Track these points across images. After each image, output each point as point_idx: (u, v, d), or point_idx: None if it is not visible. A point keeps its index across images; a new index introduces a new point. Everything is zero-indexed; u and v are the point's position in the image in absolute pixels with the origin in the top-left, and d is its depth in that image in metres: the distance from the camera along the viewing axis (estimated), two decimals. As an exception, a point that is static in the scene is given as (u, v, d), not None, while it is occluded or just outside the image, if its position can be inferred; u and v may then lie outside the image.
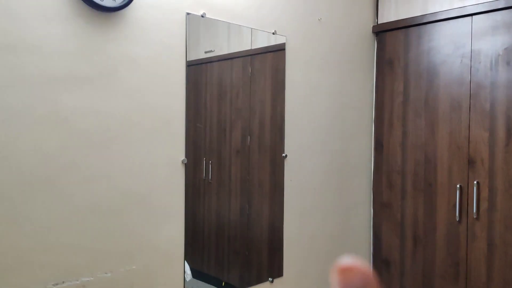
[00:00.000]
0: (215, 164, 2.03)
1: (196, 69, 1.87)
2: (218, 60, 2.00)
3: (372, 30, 2.74)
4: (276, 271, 2.23)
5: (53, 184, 1.46)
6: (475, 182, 2.30)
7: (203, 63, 1.94)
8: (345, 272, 0.21)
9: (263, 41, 2.14)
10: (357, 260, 0.22)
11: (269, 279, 2.18)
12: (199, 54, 1.89)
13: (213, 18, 1.90)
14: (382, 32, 2.72)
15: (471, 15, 2.32)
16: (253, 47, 2.11)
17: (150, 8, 1.69)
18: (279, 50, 2.21)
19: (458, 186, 2.36)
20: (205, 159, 2.02)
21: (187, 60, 1.82)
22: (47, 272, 1.45)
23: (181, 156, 1.81)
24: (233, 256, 2.10)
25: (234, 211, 2.09)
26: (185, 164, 1.82)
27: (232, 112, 2.07)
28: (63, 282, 1.49)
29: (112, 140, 1.60)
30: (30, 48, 1.40)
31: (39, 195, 1.43)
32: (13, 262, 1.38)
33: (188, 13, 1.81)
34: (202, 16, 1.86)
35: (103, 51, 1.57)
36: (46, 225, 1.45)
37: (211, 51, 1.96)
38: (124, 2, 1.59)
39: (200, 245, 1.97)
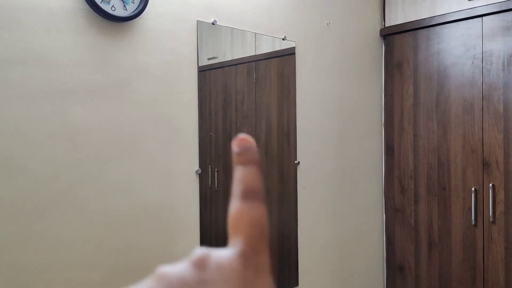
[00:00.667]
0: (222, 172, 1.99)
1: (202, 75, 1.84)
2: (222, 67, 1.96)
3: (380, 33, 2.72)
4: (291, 280, 2.19)
5: (67, 199, 1.42)
6: (490, 184, 2.26)
7: (208, 69, 1.90)
8: (242, 140, 0.29)
9: (269, 47, 2.11)
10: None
11: (285, 289, 2.14)
12: (204, 60, 1.86)
13: (223, 25, 1.87)
14: (389, 35, 2.70)
15: (481, 16, 2.30)
16: (257, 53, 2.07)
17: (161, 17, 1.66)
18: (286, 55, 2.18)
19: (473, 189, 2.33)
20: (211, 167, 1.98)
21: (199, 65, 1.79)
22: (63, 290, 1.41)
23: (195, 166, 1.77)
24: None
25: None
26: (199, 174, 1.78)
27: (238, 119, 2.03)
28: (80, 299, 1.45)
29: (125, 152, 1.57)
30: (40, 60, 1.37)
31: (54, 211, 1.39)
32: (29, 279, 1.34)
33: (199, 21, 1.78)
34: (213, 24, 1.83)
35: (115, 61, 1.54)
36: (62, 241, 1.41)
37: (214, 57, 1.93)
38: (136, 12, 1.56)
39: None
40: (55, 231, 1.40)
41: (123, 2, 1.53)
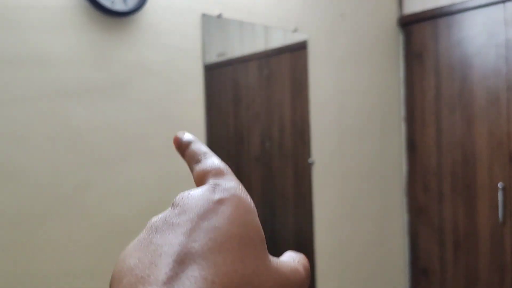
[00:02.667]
0: (234, 173, 1.88)
1: (211, 73, 1.75)
2: (230, 64, 1.87)
3: (397, 22, 2.59)
4: (309, 286, 2.07)
5: (69, 203, 1.35)
6: (519, 180, 2.12)
7: (217, 67, 1.81)
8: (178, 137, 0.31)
9: (279, 41, 2.00)
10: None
11: (303, 295, 2.03)
12: (213, 57, 1.77)
13: (230, 18, 1.78)
14: (408, 24, 2.57)
15: (504, 1, 2.16)
16: (268, 48, 1.97)
17: (163, 11, 1.58)
18: (298, 49, 2.07)
19: (500, 185, 2.18)
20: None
21: (207, 62, 1.70)
22: (65, 301, 1.33)
23: (203, 167, 1.68)
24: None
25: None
26: (208, 176, 1.69)
27: (249, 117, 1.92)
28: (84, 311, 1.37)
29: (129, 154, 1.48)
30: (39, 59, 1.29)
31: (56, 217, 1.32)
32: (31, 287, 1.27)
33: (203, 14, 1.69)
34: (219, 17, 1.74)
35: (116, 59, 1.46)
36: (62, 249, 1.33)
37: (223, 54, 1.83)
38: (137, 6, 1.48)
39: None
40: (57, 238, 1.32)
41: (122, -5, 1.45)
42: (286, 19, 2.00)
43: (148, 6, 1.53)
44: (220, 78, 1.80)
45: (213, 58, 1.74)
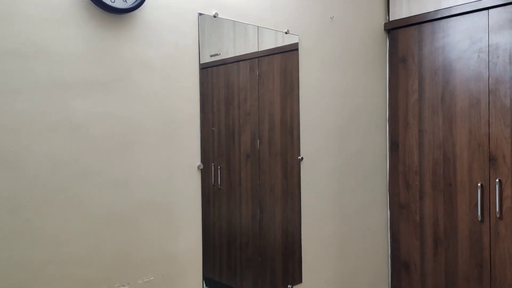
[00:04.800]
0: (225, 169, 1.96)
1: (205, 72, 1.81)
2: (224, 64, 1.93)
3: (384, 27, 2.68)
4: (295, 277, 2.16)
5: (67, 193, 1.40)
6: (497, 180, 2.23)
7: (210, 66, 1.87)
8: None
9: (271, 42, 2.07)
10: None
11: (288, 286, 2.11)
12: (207, 57, 1.83)
13: (225, 18, 1.84)
14: (394, 29, 2.66)
15: (487, 8, 2.26)
16: (260, 49, 2.04)
17: (161, 9, 1.64)
18: (290, 50, 2.15)
19: (479, 184, 2.29)
20: (214, 165, 1.96)
21: (201, 62, 1.76)
22: (61, 285, 1.38)
23: (197, 161, 1.75)
24: (247, 264, 2.03)
25: (245, 218, 2.02)
26: (201, 169, 1.76)
27: (240, 116, 2.00)
28: (80, 296, 1.42)
29: (127, 146, 1.54)
30: (40, 53, 1.34)
31: (53, 205, 1.37)
32: (28, 276, 1.32)
33: (200, 14, 1.75)
34: (215, 16, 1.80)
35: (115, 54, 1.51)
36: (61, 236, 1.38)
37: (217, 54, 1.90)
38: (136, 3, 1.54)
39: (212, 253, 1.90)
40: (54, 227, 1.37)
41: (122, -7, 1.50)
42: (279, 21, 2.07)
43: (146, 4, 1.59)
44: (214, 76, 1.86)
45: (208, 57, 1.80)
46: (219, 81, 1.89)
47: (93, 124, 1.46)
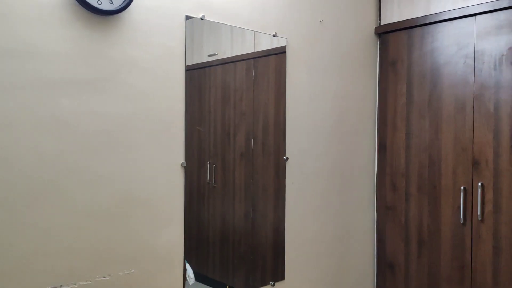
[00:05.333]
0: (220, 168, 2.02)
1: (200, 73, 1.87)
2: (220, 64, 1.99)
3: (375, 31, 2.72)
4: (278, 274, 2.21)
5: (53, 187, 1.46)
6: (479, 184, 2.26)
7: (205, 66, 1.93)
8: None
9: (265, 44, 2.13)
10: None
11: (271, 282, 2.17)
12: (202, 57, 1.89)
13: (212, 20, 1.90)
14: (385, 33, 2.70)
15: (474, 15, 2.29)
16: (256, 50, 2.10)
17: (148, 11, 1.69)
18: (278, 53, 2.20)
19: (462, 188, 2.33)
20: (209, 163, 2.02)
21: (189, 63, 1.81)
22: (45, 276, 1.45)
23: (181, 159, 1.80)
24: (236, 260, 2.09)
25: (238, 215, 2.08)
26: (185, 167, 1.81)
27: (236, 116, 2.06)
28: (61, 286, 1.48)
29: (112, 143, 1.60)
30: (29, 52, 1.40)
31: (39, 199, 1.43)
32: (13, 266, 1.38)
33: (187, 16, 1.80)
34: (201, 19, 1.86)
35: (102, 54, 1.57)
36: (46, 228, 1.45)
37: (214, 54, 1.96)
38: (122, 5, 1.59)
39: (204, 249, 1.97)
40: (39, 219, 1.43)
41: (109, -4, 1.56)
42: (267, 24, 2.12)
43: (133, 6, 1.64)
44: (209, 77, 1.92)
45: (195, 58, 1.86)
46: (215, 80, 1.96)
47: (80, 122, 1.52)
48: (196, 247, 1.93)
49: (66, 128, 1.49)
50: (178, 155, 1.80)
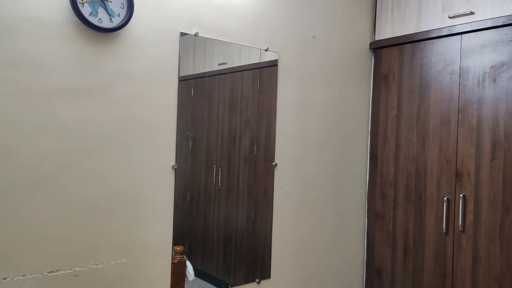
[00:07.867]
0: (226, 172, 2.21)
1: (188, 84, 2.06)
2: (206, 76, 2.18)
3: (370, 46, 2.86)
4: (265, 273, 2.36)
5: (51, 183, 1.66)
6: (461, 195, 2.36)
7: (192, 78, 2.12)
8: None
9: (253, 58, 2.30)
10: None
11: (256, 280, 2.32)
12: (190, 70, 2.08)
13: (206, 36, 2.08)
14: (379, 48, 2.83)
15: (461, 33, 2.40)
16: (241, 64, 2.29)
17: (145, 28, 1.89)
18: (270, 66, 2.37)
19: (445, 198, 2.43)
20: (216, 167, 2.21)
21: (183, 75, 2.00)
22: (43, 261, 1.65)
23: (172, 161, 1.99)
24: (226, 257, 2.26)
25: (240, 217, 2.29)
26: (175, 169, 1.99)
27: (241, 122, 2.27)
28: (57, 270, 1.68)
29: (105, 145, 1.80)
30: (33, 64, 1.61)
31: (38, 193, 1.64)
32: (13, 251, 1.59)
33: (182, 32, 1.99)
34: (195, 35, 2.04)
35: (100, 66, 1.77)
36: (44, 219, 1.65)
37: (224, 63, 2.17)
38: (121, 24, 1.79)
39: (208, 248, 2.20)
40: (38, 210, 1.64)
41: (109, 15, 1.76)
42: (259, 39, 2.29)
43: (132, 24, 1.84)
44: (197, 89, 2.11)
45: (189, 71, 2.05)
46: (219, 90, 2.20)
47: (77, 125, 1.72)
48: (195, 245, 2.14)
49: (64, 131, 1.69)
50: (169, 158, 1.98)
